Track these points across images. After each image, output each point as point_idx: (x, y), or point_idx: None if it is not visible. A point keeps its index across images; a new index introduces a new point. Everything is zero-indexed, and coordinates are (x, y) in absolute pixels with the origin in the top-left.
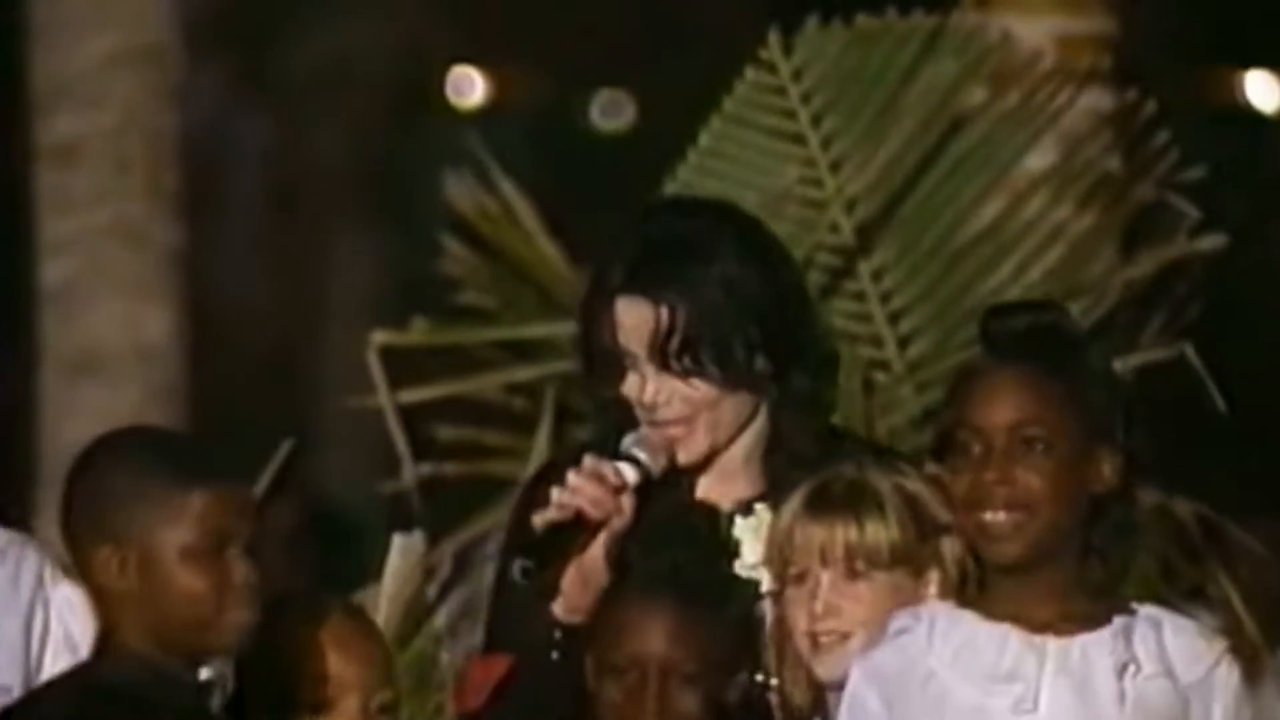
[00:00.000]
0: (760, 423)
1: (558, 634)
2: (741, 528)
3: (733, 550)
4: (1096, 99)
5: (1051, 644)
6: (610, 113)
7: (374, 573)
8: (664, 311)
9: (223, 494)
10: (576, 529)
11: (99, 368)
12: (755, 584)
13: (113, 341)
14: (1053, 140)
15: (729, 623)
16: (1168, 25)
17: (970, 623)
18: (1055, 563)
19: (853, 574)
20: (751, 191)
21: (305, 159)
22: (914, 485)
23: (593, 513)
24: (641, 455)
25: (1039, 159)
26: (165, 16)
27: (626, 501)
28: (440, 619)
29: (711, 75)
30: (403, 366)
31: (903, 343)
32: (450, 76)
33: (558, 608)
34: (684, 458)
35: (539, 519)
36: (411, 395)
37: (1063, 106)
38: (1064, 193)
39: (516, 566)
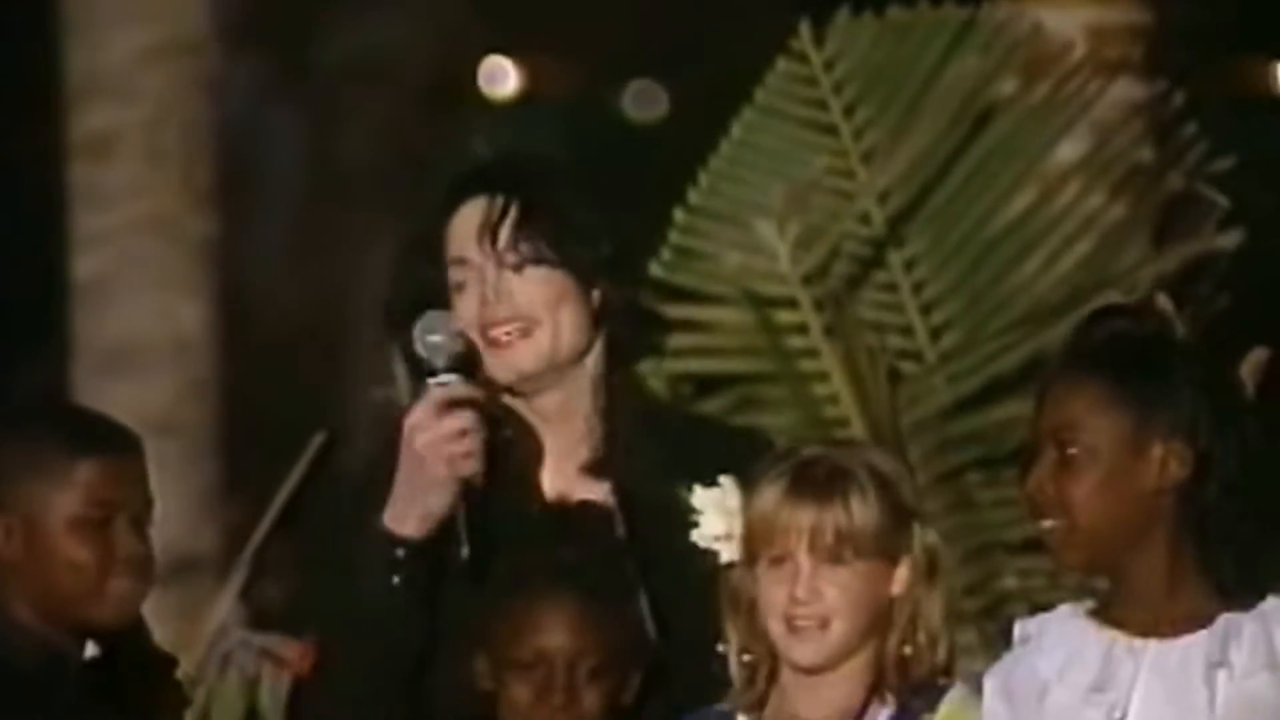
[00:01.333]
0: (596, 373)
1: (400, 553)
2: (703, 499)
3: (691, 522)
4: (1127, 90)
5: (1153, 648)
6: (642, 103)
7: None
8: (498, 201)
9: (111, 464)
10: (465, 506)
11: (132, 361)
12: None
13: (146, 335)
14: (1084, 131)
15: (627, 619)
16: (1198, 16)
17: (1081, 631)
18: (1141, 563)
19: (836, 559)
20: (783, 181)
21: (338, 151)
22: (886, 468)
23: (475, 467)
24: (449, 379)
25: (1070, 150)
26: (199, 10)
27: (478, 441)
28: None
29: (743, 66)
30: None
31: (935, 334)
32: (483, 67)
33: (389, 519)
34: (527, 364)
35: (425, 509)
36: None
37: (1093, 97)
38: (1095, 183)
39: (396, 579)
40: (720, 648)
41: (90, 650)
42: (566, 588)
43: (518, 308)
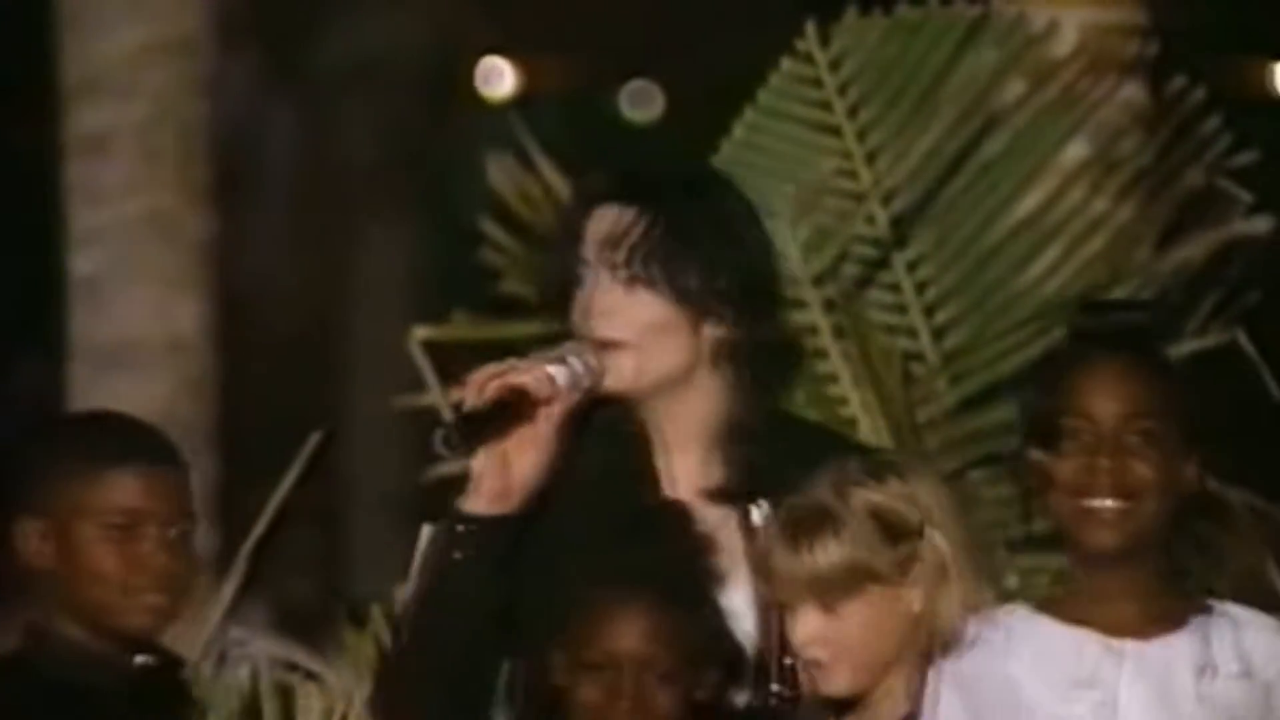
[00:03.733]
0: (720, 400)
1: (460, 528)
2: (756, 516)
3: (710, 546)
4: (1134, 90)
5: (1130, 647)
6: (639, 104)
7: (405, 564)
8: (630, 213)
9: (142, 475)
10: (506, 415)
11: (129, 359)
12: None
13: (143, 333)
14: (1091, 131)
15: (703, 620)
16: (1198, 16)
17: (1048, 627)
18: (1142, 558)
19: (827, 605)
20: (786, 183)
21: (335, 150)
22: (880, 496)
23: (538, 390)
24: (573, 360)
25: (1077, 150)
26: (196, 8)
27: (558, 400)
28: None
29: (739, 65)
30: (441, 359)
31: (938, 334)
32: (480, 68)
33: (466, 500)
34: (609, 380)
35: (474, 395)
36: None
37: (1102, 98)
38: (1102, 184)
39: (439, 433)
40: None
41: (140, 659)
42: (641, 591)
43: (612, 327)
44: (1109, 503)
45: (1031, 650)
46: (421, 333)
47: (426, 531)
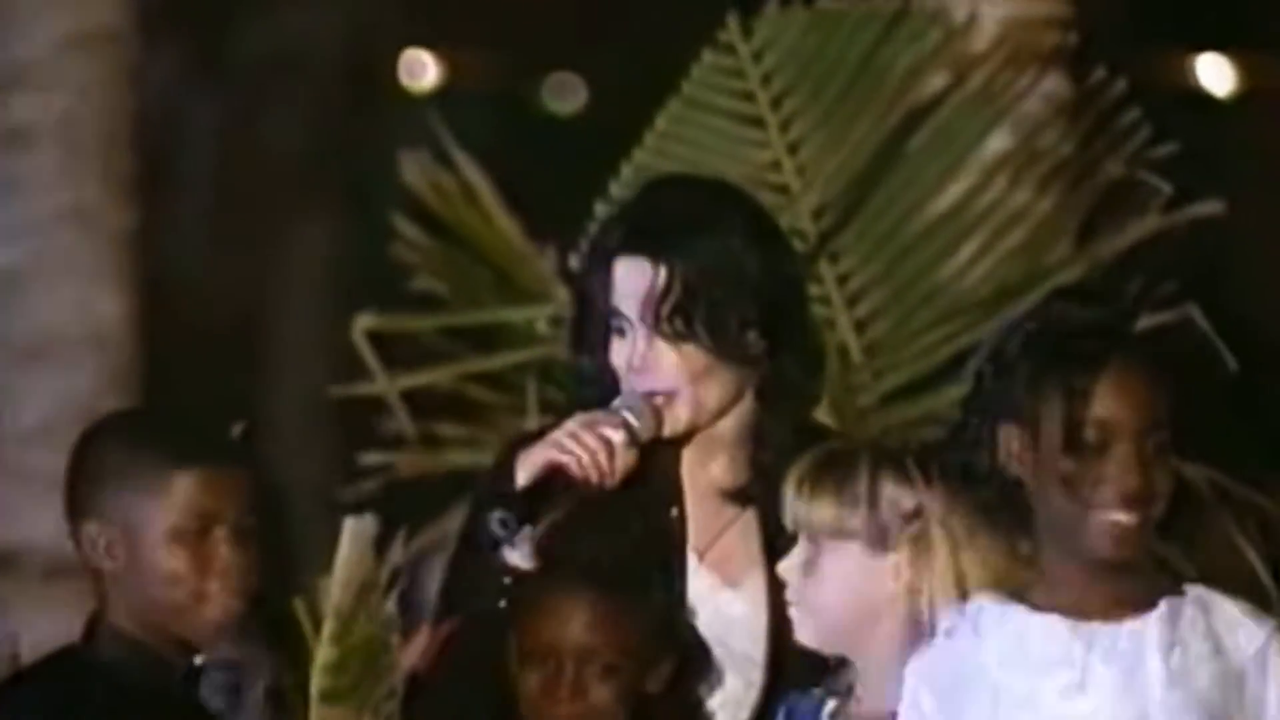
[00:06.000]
0: (747, 409)
1: (508, 580)
2: None
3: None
4: (1055, 83)
5: (1100, 630)
6: (561, 95)
7: (327, 557)
8: (662, 271)
9: (211, 476)
10: (560, 487)
11: (52, 353)
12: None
13: (66, 326)
14: (1014, 123)
15: (650, 612)
16: (1118, 8)
17: (1018, 615)
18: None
19: (813, 545)
20: (707, 173)
21: (259, 142)
22: (892, 478)
23: (586, 465)
24: (630, 417)
25: (998, 142)
26: (118, 0)
27: (618, 463)
28: (391, 604)
29: (663, 57)
30: (381, 350)
31: (860, 326)
32: (403, 60)
33: (509, 553)
34: (664, 429)
35: (527, 472)
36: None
37: (1024, 90)
38: (1023, 177)
39: (495, 518)
40: None
41: (199, 659)
42: (584, 583)
43: (662, 380)
44: (1125, 517)
45: (1002, 639)
46: (364, 322)
47: (349, 525)
